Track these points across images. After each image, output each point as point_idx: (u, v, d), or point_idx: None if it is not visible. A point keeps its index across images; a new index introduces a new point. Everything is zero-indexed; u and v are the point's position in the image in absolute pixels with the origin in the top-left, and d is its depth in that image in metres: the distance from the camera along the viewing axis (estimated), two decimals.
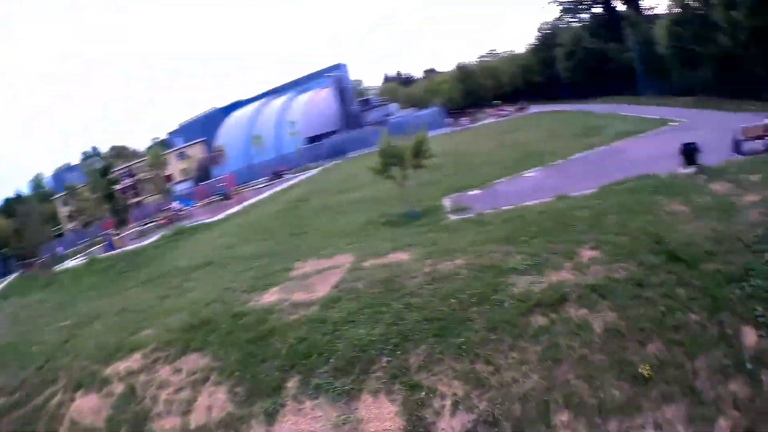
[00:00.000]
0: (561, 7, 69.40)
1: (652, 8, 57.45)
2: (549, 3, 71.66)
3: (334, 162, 52.47)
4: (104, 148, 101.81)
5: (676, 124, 26.58)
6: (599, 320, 8.27)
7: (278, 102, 74.20)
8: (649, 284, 8.77)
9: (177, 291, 15.84)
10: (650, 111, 34.80)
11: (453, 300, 9.47)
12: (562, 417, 6.95)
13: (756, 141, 16.66)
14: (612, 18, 61.07)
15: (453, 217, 16.14)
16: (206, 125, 77.35)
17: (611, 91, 55.83)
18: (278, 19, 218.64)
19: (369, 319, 9.42)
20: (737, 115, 27.20)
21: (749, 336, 7.31)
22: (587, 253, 10.39)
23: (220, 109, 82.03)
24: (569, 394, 7.19)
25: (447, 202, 19.00)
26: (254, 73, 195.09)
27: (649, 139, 23.63)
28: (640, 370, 7.23)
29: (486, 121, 60.61)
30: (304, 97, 72.89)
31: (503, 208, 15.48)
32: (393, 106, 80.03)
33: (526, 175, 20.89)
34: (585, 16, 66.85)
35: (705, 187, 13.04)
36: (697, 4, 35.94)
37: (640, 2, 58.97)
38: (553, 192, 15.81)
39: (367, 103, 79.60)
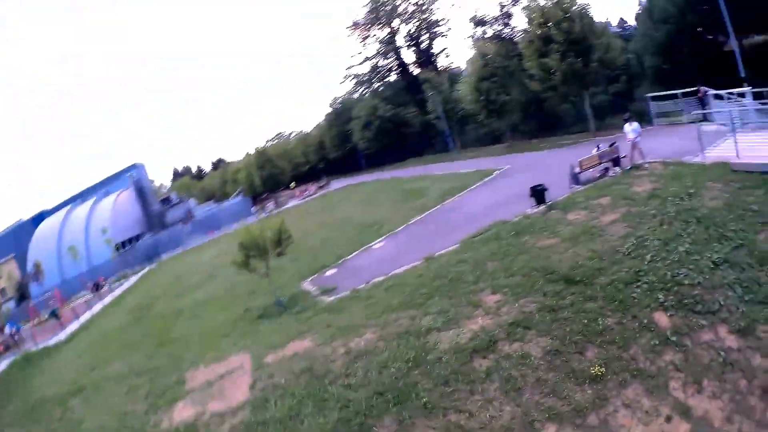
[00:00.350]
0: (355, 81, 79.71)
1: (449, 67, 69.94)
2: (343, 81, 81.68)
3: (150, 266, 54.77)
4: None
5: (500, 171, 32.17)
6: (535, 347, 10.22)
7: (84, 208, 78.13)
8: (561, 307, 11.12)
9: (65, 425, 15.08)
10: (466, 165, 41.05)
11: (391, 369, 10.53)
12: (551, 429, 8.55)
13: (591, 170, 21.51)
14: (409, 82, 72.11)
15: (328, 298, 17.25)
16: (16, 239, 78.42)
17: (414, 154, 65.60)
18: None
19: (316, 409, 9.91)
20: (550, 152, 34.41)
21: (662, 319, 9.96)
22: (490, 299, 12.57)
23: (27, 220, 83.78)
24: (545, 410, 8.88)
25: (308, 286, 20.05)
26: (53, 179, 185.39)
27: (481, 190, 28.12)
28: (592, 371, 9.32)
29: (292, 203, 65.72)
30: (108, 202, 77.43)
31: (375, 280, 17.16)
32: (192, 202, 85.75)
33: (375, 246, 23.13)
34: (379, 84, 77.66)
35: (563, 220, 16.55)
36: (499, 58, 44.73)
37: (437, 63, 71.04)
38: (413, 256, 18.17)
39: (167, 202, 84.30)
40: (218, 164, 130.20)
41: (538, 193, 19.61)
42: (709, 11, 40.28)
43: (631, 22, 55.38)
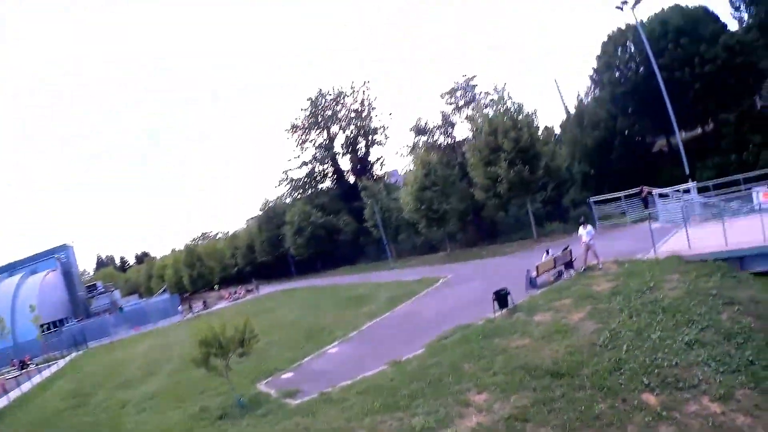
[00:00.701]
0: (290, 185, 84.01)
1: (385, 175, 75.51)
2: (278, 184, 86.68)
3: (77, 353, 58.45)
4: None
5: (445, 279, 35.09)
6: None
7: (11, 282, 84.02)
8: (553, 399, 12.99)
9: None
10: (405, 273, 44.24)
11: None
12: None
13: (547, 273, 24.48)
14: (344, 190, 77.39)
15: (294, 401, 18.15)
16: None
17: (347, 262, 69.68)
18: None
19: None
20: (492, 260, 37.77)
21: (650, 398, 11.98)
22: (479, 397, 14.25)
23: None
24: None
25: (265, 388, 20.99)
26: None
27: (431, 298, 30.68)
28: None
29: (221, 305, 68.79)
30: (35, 279, 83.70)
31: (341, 384, 18.36)
32: (117, 293, 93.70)
33: (331, 351, 24.63)
34: (313, 190, 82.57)
35: (530, 321, 18.86)
36: (440, 167, 49.17)
37: (373, 171, 76.60)
38: (377, 361, 19.67)
39: (93, 289, 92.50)
40: (143, 258, 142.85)
41: (501, 297, 21.91)
42: (639, 115, 47.56)
43: (556, 129, 62.58)
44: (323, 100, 79.57)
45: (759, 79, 40.89)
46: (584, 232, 24.18)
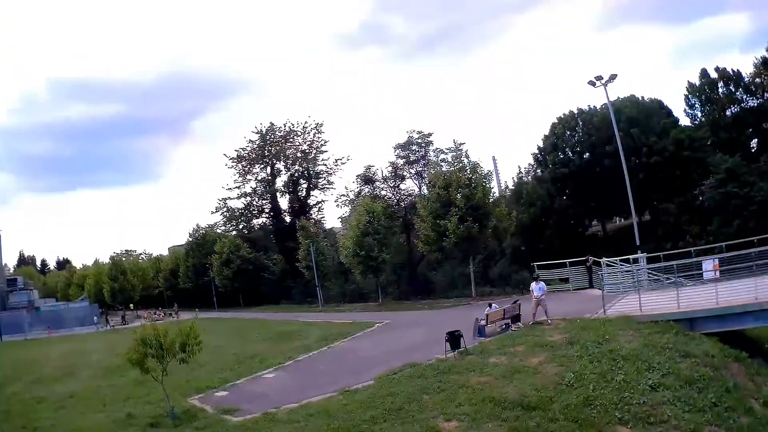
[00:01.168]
0: (224, 216, 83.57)
1: (322, 219, 76.30)
2: (214, 211, 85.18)
3: None
4: None
5: (381, 324, 35.64)
6: None
7: None
8: (529, 428, 13.72)
9: None
10: (335, 317, 44.50)
11: None
12: None
13: (495, 323, 25.53)
14: (278, 228, 77.70)
15: (234, 418, 17.78)
16: None
17: (272, 301, 69.77)
18: None
19: None
20: (430, 312, 38.77)
21: (624, 430, 13.09)
22: (448, 425, 14.72)
23: None
24: None
25: (197, 403, 20.48)
26: None
27: (368, 339, 31.17)
28: None
29: (139, 323, 65.29)
30: None
31: (286, 406, 18.18)
32: (35, 293, 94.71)
33: (267, 375, 24.46)
34: (247, 224, 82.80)
35: (485, 363, 19.62)
36: (384, 217, 50.26)
37: (311, 214, 76.69)
38: (322, 389, 19.68)
39: (14, 284, 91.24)
40: (65, 264, 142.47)
41: (454, 338, 22.45)
42: (578, 198, 50.59)
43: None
44: (273, 135, 79.95)
45: (704, 173, 44.31)
46: (536, 287, 25.34)
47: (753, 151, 48.29)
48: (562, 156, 53.19)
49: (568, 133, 53.57)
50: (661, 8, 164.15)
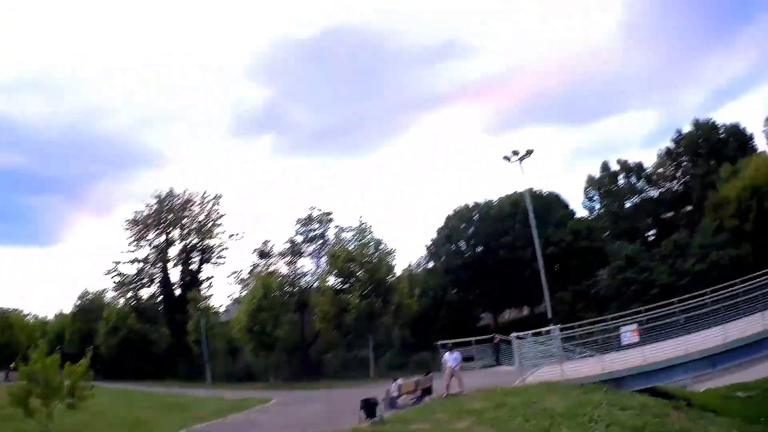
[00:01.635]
0: (115, 281, 78.80)
1: (212, 295, 72.97)
2: (107, 273, 79.74)
3: None
4: None
5: (275, 401, 34.29)
6: None
7: None
8: None
9: None
10: (225, 393, 42.74)
11: None
12: None
13: (407, 396, 24.96)
14: (168, 300, 74.65)
15: None
16: None
17: (156, 375, 65.48)
18: None
19: None
20: (326, 391, 37.68)
21: None
22: None
23: None
24: None
25: None
26: None
27: (268, 413, 29.97)
28: None
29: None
30: None
31: None
32: None
33: None
34: (136, 293, 78.74)
35: (407, 429, 18.88)
36: (279, 293, 49.13)
37: (201, 288, 73.24)
38: None
39: None
40: None
41: (369, 407, 21.67)
42: (471, 290, 52.12)
43: None
44: (171, 202, 77.36)
45: (601, 262, 47.03)
46: (450, 357, 24.80)
47: (652, 239, 52.18)
48: (454, 248, 54.95)
49: (464, 225, 55.63)
50: (561, 112, 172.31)
